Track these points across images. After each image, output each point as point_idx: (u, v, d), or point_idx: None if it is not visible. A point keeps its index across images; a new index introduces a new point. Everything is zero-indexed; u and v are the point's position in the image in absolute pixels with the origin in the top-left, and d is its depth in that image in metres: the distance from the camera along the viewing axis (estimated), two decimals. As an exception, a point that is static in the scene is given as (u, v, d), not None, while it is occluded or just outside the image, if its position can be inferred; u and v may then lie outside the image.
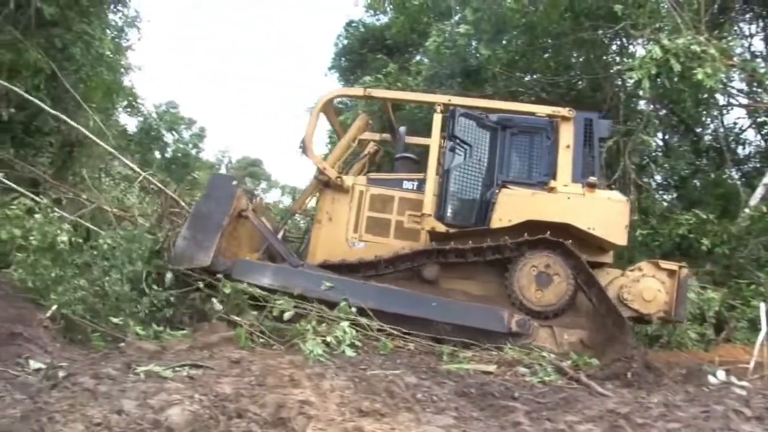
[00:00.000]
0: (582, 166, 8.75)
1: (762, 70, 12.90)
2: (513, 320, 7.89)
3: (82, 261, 7.11)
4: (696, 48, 10.77)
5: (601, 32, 14.14)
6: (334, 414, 4.22)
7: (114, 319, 6.59)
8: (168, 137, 19.56)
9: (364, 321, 7.30)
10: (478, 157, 8.93)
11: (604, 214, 8.36)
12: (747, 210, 12.43)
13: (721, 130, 15.88)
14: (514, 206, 8.47)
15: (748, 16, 15.42)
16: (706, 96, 13.84)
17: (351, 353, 6.37)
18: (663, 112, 15.17)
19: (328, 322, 6.96)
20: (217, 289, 7.53)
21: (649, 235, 12.63)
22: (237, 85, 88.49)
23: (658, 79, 11.28)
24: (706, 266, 11.91)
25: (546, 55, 15.76)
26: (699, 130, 16.24)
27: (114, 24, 15.51)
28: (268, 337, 6.65)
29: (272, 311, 7.24)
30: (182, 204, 9.67)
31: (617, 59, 15.69)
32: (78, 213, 9.03)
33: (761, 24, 15.51)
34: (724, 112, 15.83)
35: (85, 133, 10.78)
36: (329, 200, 9.35)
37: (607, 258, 8.79)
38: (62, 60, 11.56)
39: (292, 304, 7.34)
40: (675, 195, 16.10)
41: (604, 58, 15.78)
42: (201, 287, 7.59)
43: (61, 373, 4.39)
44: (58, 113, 10.33)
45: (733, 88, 14.30)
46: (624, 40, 15.20)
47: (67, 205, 9.47)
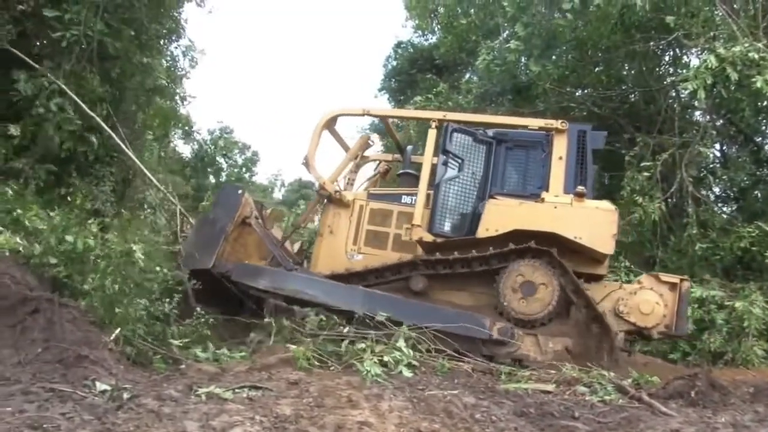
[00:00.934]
0: (575, 177, 8.75)
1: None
2: (495, 327, 7.96)
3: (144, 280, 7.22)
4: (754, 55, 10.54)
5: (652, 44, 13.91)
6: (393, 435, 4.21)
7: (174, 342, 6.71)
8: (222, 162, 20.04)
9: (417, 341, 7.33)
10: (472, 171, 9.11)
11: (591, 224, 8.29)
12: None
13: (783, 139, 15.42)
14: (500, 216, 8.54)
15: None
16: (765, 104, 13.44)
17: (408, 373, 6.35)
18: (720, 122, 14.81)
19: (385, 342, 6.97)
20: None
21: (709, 249, 12.31)
22: (290, 109, 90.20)
23: (715, 89, 11.06)
24: (772, 280, 11.53)
25: (597, 69, 15.60)
26: (759, 139, 15.78)
27: (169, 54, 16.02)
28: (327, 358, 6.67)
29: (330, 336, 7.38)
30: None
31: (671, 70, 15.44)
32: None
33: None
34: (786, 120, 15.35)
35: (137, 164, 11.15)
36: (331, 214, 9.66)
37: (602, 269, 8.74)
38: (122, 91, 11.99)
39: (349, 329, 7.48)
40: (735, 207, 15.65)
41: (657, 69, 15.54)
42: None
43: (125, 395, 4.48)
44: (123, 144, 10.67)
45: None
46: (677, 50, 14.94)
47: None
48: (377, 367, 6.17)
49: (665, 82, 14.88)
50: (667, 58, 15.71)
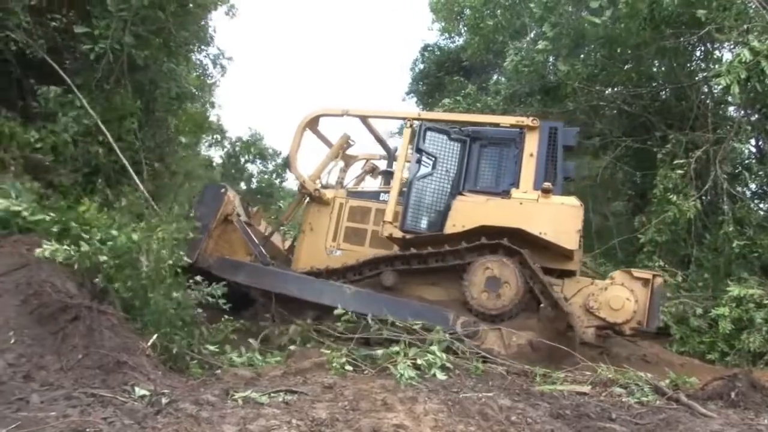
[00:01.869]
0: (545, 174, 8.83)
1: None
2: (458, 321, 8.11)
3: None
4: (790, 47, 10.34)
5: (683, 39, 13.71)
6: (428, 437, 4.21)
7: (210, 347, 6.77)
8: (252, 168, 20.18)
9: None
10: (445, 168, 9.30)
11: (556, 219, 8.42)
12: None
13: (821, 133, 15.04)
14: (467, 212, 8.73)
15: None
16: (802, 97, 13.15)
17: (442, 376, 6.34)
18: (755, 117, 14.52)
19: (418, 345, 6.98)
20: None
21: (746, 247, 12.09)
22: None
23: (749, 83, 10.87)
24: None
25: (627, 67, 15.38)
26: (796, 134, 15.43)
27: (199, 63, 16.22)
28: (360, 362, 6.67)
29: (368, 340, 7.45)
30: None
31: (702, 66, 15.19)
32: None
33: None
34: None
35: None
36: (313, 212, 9.99)
37: (572, 265, 8.81)
38: (152, 100, 12.18)
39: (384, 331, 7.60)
40: (772, 203, 15.34)
41: (688, 65, 15.31)
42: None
43: (164, 400, 4.55)
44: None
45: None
46: (708, 45, 14.69)
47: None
48: (411, 370, 6.17)
49: (697, 78, 14.66)
50: (698, 53, 15.47)
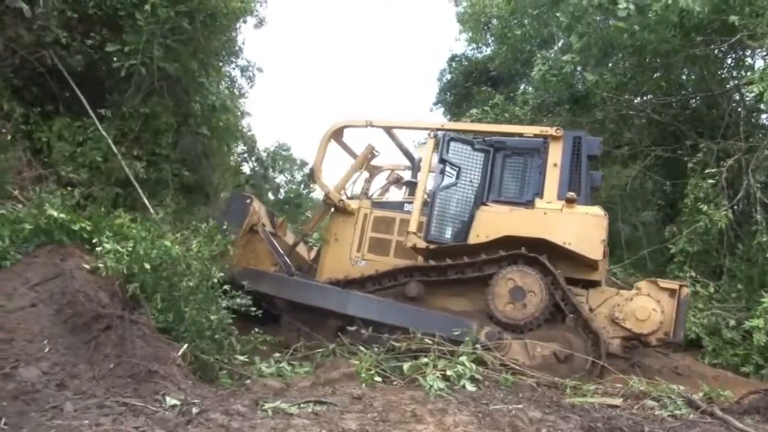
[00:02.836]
0: (569, 183, 8.72)
1: None
2: (482, 332, 8.08)
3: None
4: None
5: (713, 47, 13.54)
6: (459, 449, 4.19)
7: (240, 357, 6.81)
8: (280, 179, 20.33)
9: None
10: (469, 178, 9.21)
11: (580, 229, 8.31)
12: None
13: None
14: (491, 222, 8.66)
15: None
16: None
17: (472, 388, 6.30)
18: (789, 124, 14.30)
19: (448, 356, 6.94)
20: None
21: (784, 257, 11.84)
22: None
23: (783, 91, 10.70)
24: None
25: (656, 75, 15.22)
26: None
27: (228, 74, 16.38)
28: (389, 373, 6.66)
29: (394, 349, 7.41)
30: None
31: (733, 73, 14.99)
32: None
33: None
34: None
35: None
36: (337, 222, 9.95)
37: (597, 275, 8.71)
38: (189, 114, 12.46)
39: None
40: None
41: (719, 73, 15.10)
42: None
43: (194, 410, 4.59)
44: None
45: None
46: (740, 52, 14.50)
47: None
48: (440, 381, 6.15)
49: (728, 86, 14.46)
50: (729, 61, 15.25)
